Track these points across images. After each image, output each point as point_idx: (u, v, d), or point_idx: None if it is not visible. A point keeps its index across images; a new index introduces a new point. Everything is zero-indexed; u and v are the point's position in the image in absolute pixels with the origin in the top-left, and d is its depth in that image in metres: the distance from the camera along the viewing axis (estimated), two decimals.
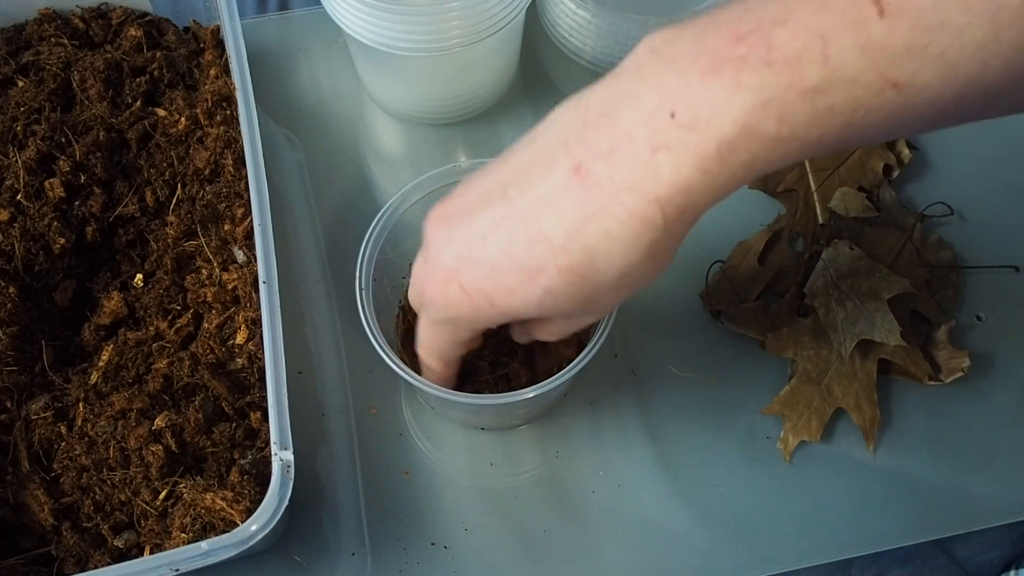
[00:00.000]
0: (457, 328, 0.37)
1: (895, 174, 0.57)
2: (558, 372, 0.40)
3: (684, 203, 0.28)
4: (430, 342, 0.39)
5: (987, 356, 0.51)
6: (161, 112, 0.54)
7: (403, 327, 0.49)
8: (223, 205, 0.50)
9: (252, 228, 0.46)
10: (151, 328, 0.48)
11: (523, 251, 0.31)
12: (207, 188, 0.51)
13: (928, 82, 0.24)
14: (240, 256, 0.49)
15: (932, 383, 0.50)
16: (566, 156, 0.29)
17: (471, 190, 0.33)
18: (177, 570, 0.38)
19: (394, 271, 0.48)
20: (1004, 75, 0.24)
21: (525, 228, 0.30)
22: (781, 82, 0.25)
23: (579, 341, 0.48)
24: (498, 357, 0.47)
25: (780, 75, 0.25)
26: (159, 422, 0.43)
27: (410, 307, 0.49)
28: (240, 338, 0.46)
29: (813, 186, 0.56)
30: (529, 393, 0.40)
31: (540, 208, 0.30)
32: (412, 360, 0.47)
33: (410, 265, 0.49)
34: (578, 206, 0.29)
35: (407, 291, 0.49)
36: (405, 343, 0.48)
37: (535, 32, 0.63)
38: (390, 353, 0.42)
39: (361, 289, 0.43)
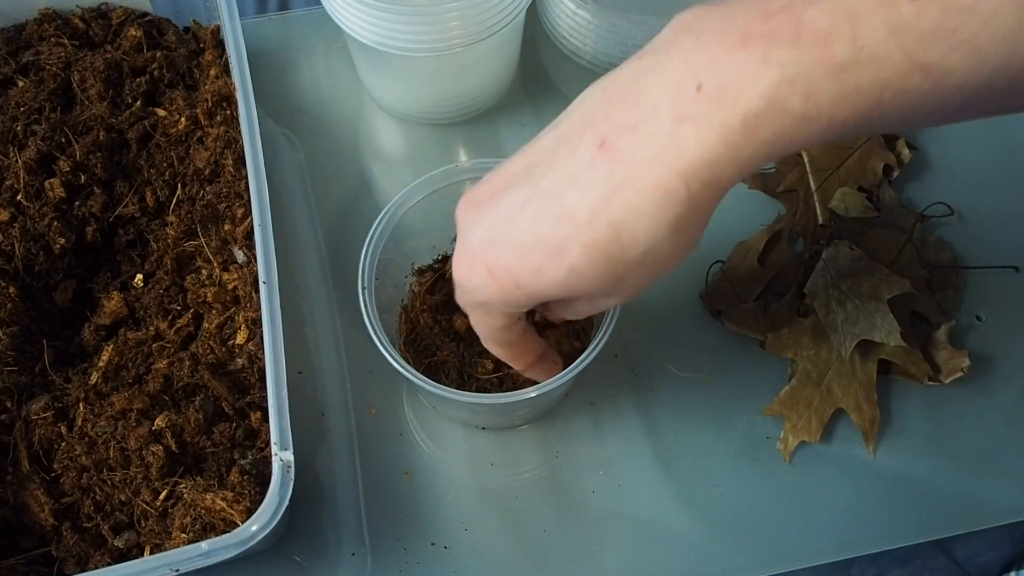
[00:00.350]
0: (490, 311, 0.36)
1: (895, 174, 0.57)
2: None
3: (708, 177, 0.28)
4: (476, 327, 0.39)
5: (987, 356, 0.51)
6: (161, 112, 0.54)
7: (405, 326, 0.49)
8: (223, 205, 0.50)
9: (252, 228, 0.46)
10: (151, 328, 0.48)
11: (548, 229, 0.30)
12: (207, 188, 0.51)
13: (955, 67, 0.24)
14: (240, 256, 0.49)
15: (932, 383, 0.50)
16: (592, 132, 0.29)
17: (499, 175, 0.33)
18: (177, 570, 0.38)
19: (396, 271, 0.48)
20: None
21: (550, 205, 0.30)
22: (809, 58, 0.25)
23: (580, 337, 0.48)
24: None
25: (808, 51, 0.25)
26: (159, 422, 0.43)
27: (412, 306, 0.49)
28: (240, 338, 0.46)
29: (813, 186, 0.56)
30: (531, 393, 0.40)
31: (566, 185, 0.30)
32: (414, 359, 0.47)
33: (412, 264, 0.50)
34: (603, 181, 0.29)
35: (410, 290, 0.49)
36: (407, 342, 0.48)
37: (535, 32, 0.63)
38: (392, 352, 0.42)
39: (364, 288, 0.43)
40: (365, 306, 0.43)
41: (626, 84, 0.29)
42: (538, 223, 0.31)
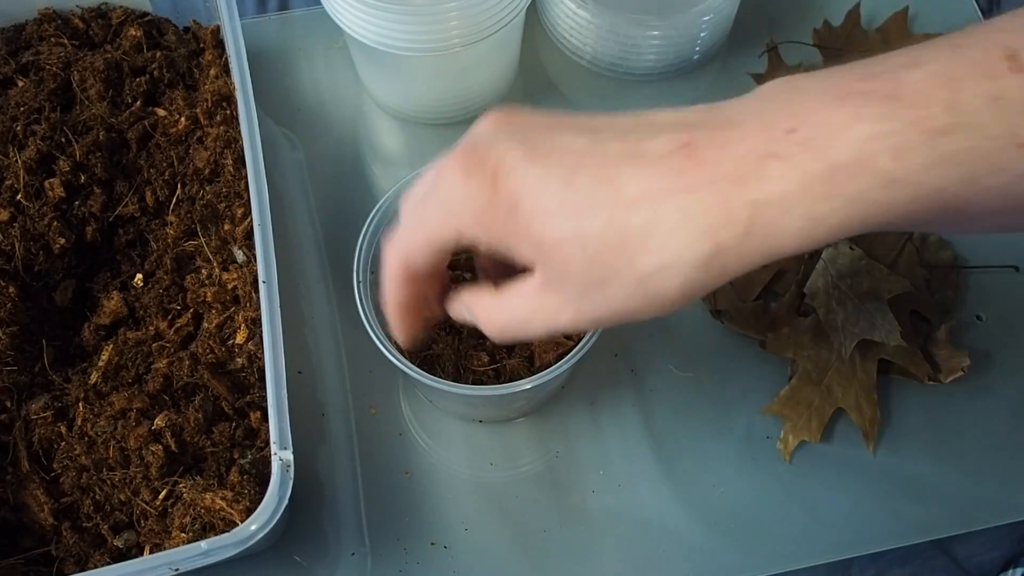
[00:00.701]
0: (444, 221, 0.31)
1: None
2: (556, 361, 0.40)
3: (774, 221, 0.26)
4: (405, 226, 0.34)
5: (987, 356, 0.51)
6: (161, 112, 0.54)
7: None
8: (223, 205, 0.50)
9: (252, 228, 0.46)
10: (151, 328, 0.48)
11: (585, 184, 0.28)
12: (207, 188, 0.51)
13: None
14: (240, 256, 0.49)
15: (932, 383, 0.50)
16: (678, 133, 0.28)
17: (558, 114, 0.30)
18: (177, 570, 0.38)
19: None
20: None
21: (601, 167, 0.28)
22: (904, 116, 0.25)
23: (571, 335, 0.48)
24: (497, 349, 0.47)
25: (904, 109, 0.25)
26: (159, 422, 0.43)
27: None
28: (240, 338, 0.46)
29: None
30: (526, 385, 0.41)
31: (629, 159, 0.28)
32: (410, 353, 0.47)
33: None
34: (671, 175, 0.27)
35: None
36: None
37: (535, 32, 0.63)
38: (388, 345, 0.42)
39: (359, 282, 0.44)
40: (360, 300, 0.43)
41: (725, 111, 0.28)
42: (576, 173, 0.28)
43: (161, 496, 0.42)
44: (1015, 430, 0.49)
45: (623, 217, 0.27)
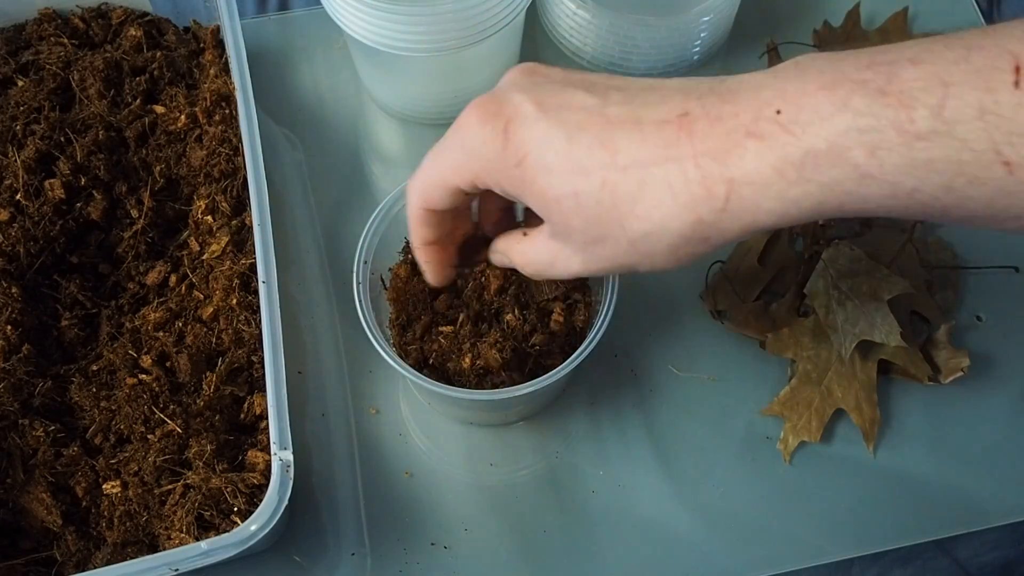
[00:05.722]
0: (461, 164, 0.33)
1: None
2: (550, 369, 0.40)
3: (750, 198, 0.27)
4: (425, 167, 0.35)
5: (987, 356, 0.51)
6: (160, 109, 0.54)
7: (398, 324, 0.48)
8: (222, 204, 0.50)
9: (251, 227, 0.46)
10: (151, 328, 0.48)
11: (584, 145, 0.29)
12: (206, 187, 0.51)
13: None
14: (238, 254, 0.49)
15: (932, 383, 0.49)
16: (681, 102, 0.29)
17: (577, 72, 0.33)
18: (177, 570, 0.38)
19: (392, 263, 0.48)
20: None
21: (602, 130, 0.29)
22: (887, 115, 0.24)
23: (577, 333, 0.48)
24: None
25: (888, 108, 0.24)
26: (160, 420, 0.43)
27: (397, 299, 0.48)
28: (239, 336, 0.46)
29: None
30: (524, 389, 0.40)
31: (628, 124, 0.29)
32: (411, 358, 0.47)
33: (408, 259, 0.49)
34: (662, 145, 0.28)
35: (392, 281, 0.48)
36: (400, 337, 0.48)
37: (535, 32, 0.63)
38: (387, 348, 0.42)
39: (358, 283, 0.43)
40: (360, 301, 0.43)
41: (731, 86, 0.29)
42: (579, 134, 0.30)
43: (161, 496, 0.42)
44: (1015, 430, 0.49)
45: (615, 182, 0.29)
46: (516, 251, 0.37)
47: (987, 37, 0.25)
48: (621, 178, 0.29)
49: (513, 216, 0.42)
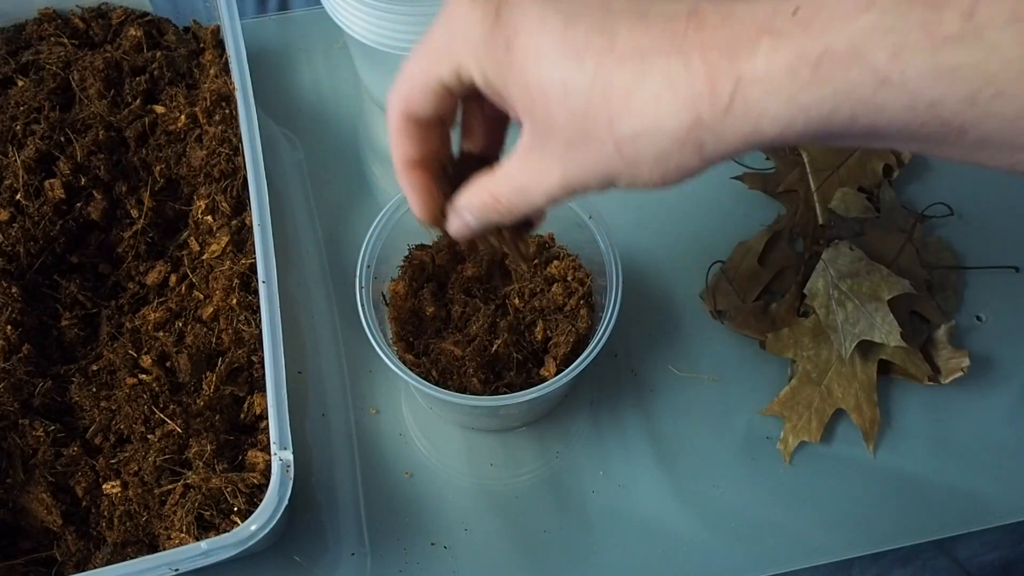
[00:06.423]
0: (446, 48, 0.31)
1: (895, 174, 0.57)
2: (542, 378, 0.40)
3: (756, 100, 0.25)
4: (407, 67, 0.33)
5: (987, 356, 0.51)
6: (160, 109, 0.54)
7: (395, 327, 0.48)
8: (222, 204, 0.50)
9: (251, 227, 0.46)
10: (151, 328, 0.48)
11: (581, 30, 0.27)
12: (206, 187, 0.51)
13: None
14: (238, 254, 0.49)
15: (932, 383, 0.49)
16: (692, 2, 0.27)
17: None
18: (177, 570, 0.38)
19: (394, 272, 0.48)
20: None
21: (604, 18, 0.27)
22: (914, 16, 0.23)
23: (580, 338, 0.48)
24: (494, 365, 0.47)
25: (916, 8, 0.23)
26: (160, 420, 0.43)
27: (397, 317, 0.47)
28: (239, 336, 0.46)
29: (813, 186, 0.56)
30: (524, 396, 0.40)
31: (633, 15, 0.27)
32: (412, 364, 0.47)
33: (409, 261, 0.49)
34: (667, 38, 0.26)
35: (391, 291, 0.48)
36: (405, 353, 0.48)
37: None
38: (388, 351, 0.42)
39: (361, 288, 0.43)
40: (362, 305, 0.43)
41: None
42: (579, 18, 0.28)
43: (161, 496, 0.42)
44: (1015, 430, 0.49)
45: (609, 70, 0.27)
46: (487, 186, 0.33)
47: None
48: (617, 67, 0.27)
49: (499, 139, 0.37)
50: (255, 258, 0.46)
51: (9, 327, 0.46)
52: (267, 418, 0.42)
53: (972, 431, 0.49)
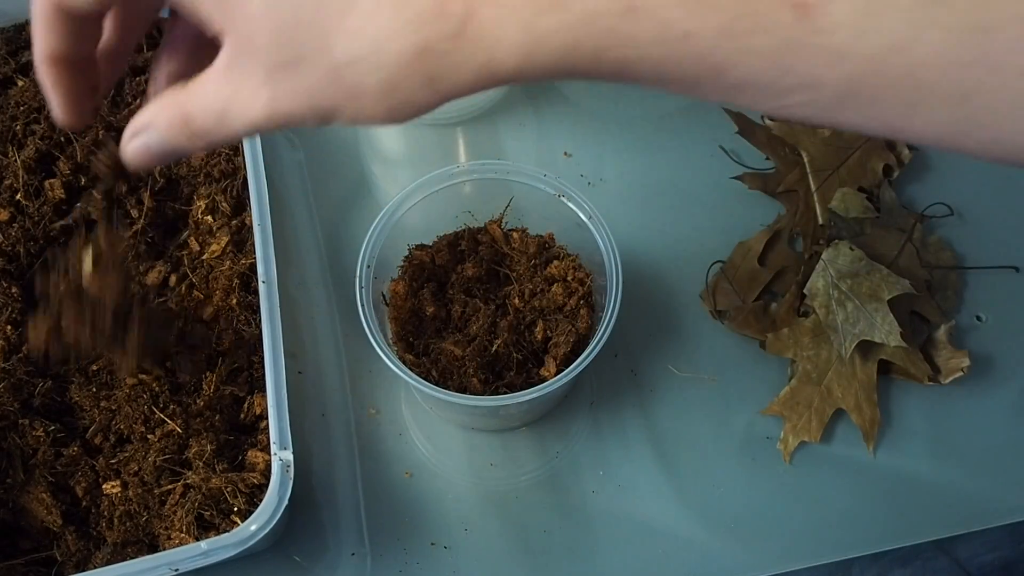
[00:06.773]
0: None
1: (895, 174, 0.57)
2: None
3: (491, 24, 0.22)
4: None
5: (987, 356, 0.51)
6: None
7: (395, 327, 0.48)
8: (222, 204, 0.50)
9: (251, 227, 0.46)
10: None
11: None
12: (206, 187, 0.51)
13: (841, 21, 0.19)
14: (238, 254, 0.49)
15: (932, 383, 0.49)
16: None
17: None
18: (177, 570, 0.38)
19: (394, 272, 0.48)
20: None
21: None
22: None
23: (580, 339, 0.48)
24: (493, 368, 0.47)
25: None
26: (160, 420, 0.43)
27: (397, 317, 0.47)
28: (239, 336, 0.46)
29: (813, 186, 0.56)
30: (524, 396, 0.40)
31: None
32: (412, 364, 0.47)
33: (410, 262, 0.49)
34: None
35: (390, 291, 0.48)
36: (405, 354, 0.48)
37: None
38: (388, 351, 0.42)
39: (361, 288, 0.43)
40: (362, 305, 0.43)
41: None
42: None
43: (161, 496, 0.42)
44: (1015, 430, 0.49)
45: None
46: (179, 99, 0.27)
47: None
48: None
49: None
50: (255, 258, 0.46)
51: (9, 327, 0.46)
52: (267, 418, 0.42)
53: (972, 431, 0.49)
